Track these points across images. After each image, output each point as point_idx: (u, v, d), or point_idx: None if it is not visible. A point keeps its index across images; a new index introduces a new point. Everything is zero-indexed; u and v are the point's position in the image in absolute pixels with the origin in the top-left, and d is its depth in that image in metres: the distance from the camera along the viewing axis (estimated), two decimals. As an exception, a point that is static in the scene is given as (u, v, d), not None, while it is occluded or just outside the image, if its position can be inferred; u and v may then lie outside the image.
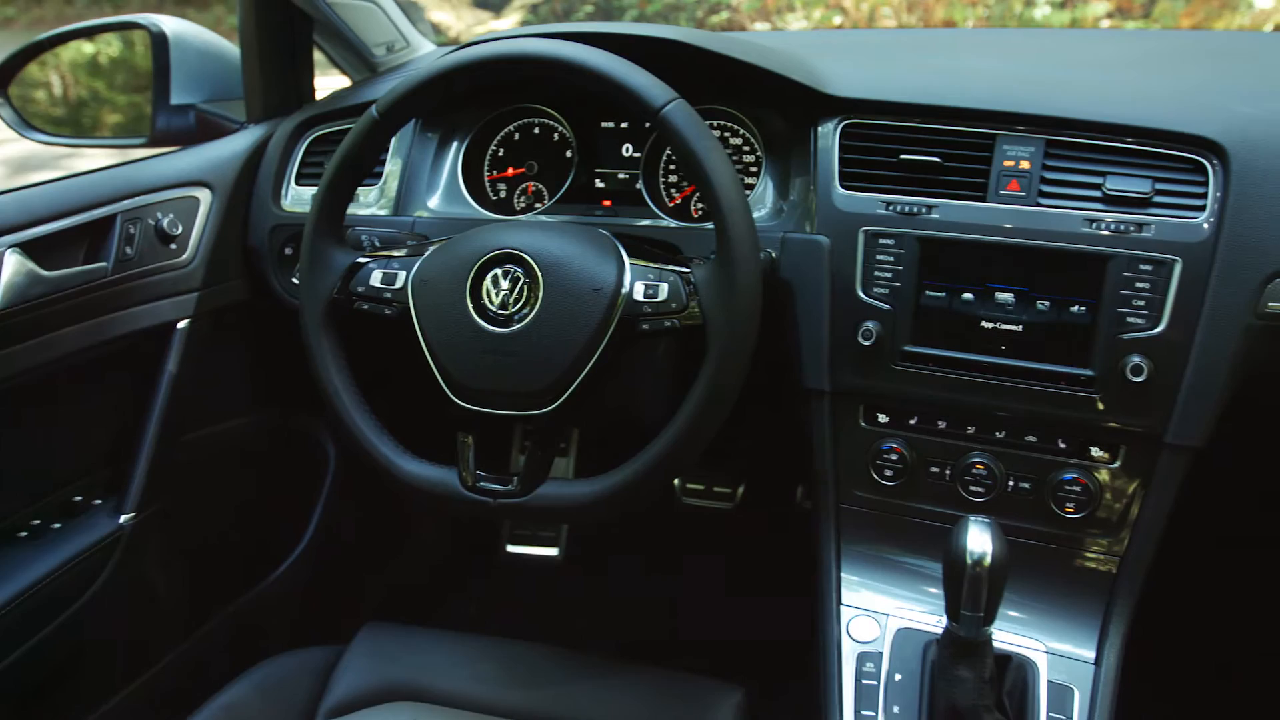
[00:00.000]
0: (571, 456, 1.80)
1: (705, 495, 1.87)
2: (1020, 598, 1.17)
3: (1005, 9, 7.24)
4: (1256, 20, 6.06)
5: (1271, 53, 1.48)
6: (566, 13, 8.48)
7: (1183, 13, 6.21)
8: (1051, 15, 6.85)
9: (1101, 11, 6.46)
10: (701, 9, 8.32)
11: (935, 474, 1.18)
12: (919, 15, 7.52)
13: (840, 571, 1.23)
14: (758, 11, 8.07)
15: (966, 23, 7.37)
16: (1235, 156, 1.06)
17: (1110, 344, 1.07)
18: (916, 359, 1.14)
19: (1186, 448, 1.08)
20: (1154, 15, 6.40)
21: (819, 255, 1.17)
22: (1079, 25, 6.45)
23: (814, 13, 7.81)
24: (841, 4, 7.81)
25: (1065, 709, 1.09)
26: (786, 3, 8.07)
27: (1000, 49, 1.58)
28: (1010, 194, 1.12)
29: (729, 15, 8.14)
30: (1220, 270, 1.04)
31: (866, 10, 7.81)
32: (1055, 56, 1.45)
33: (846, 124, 1.20)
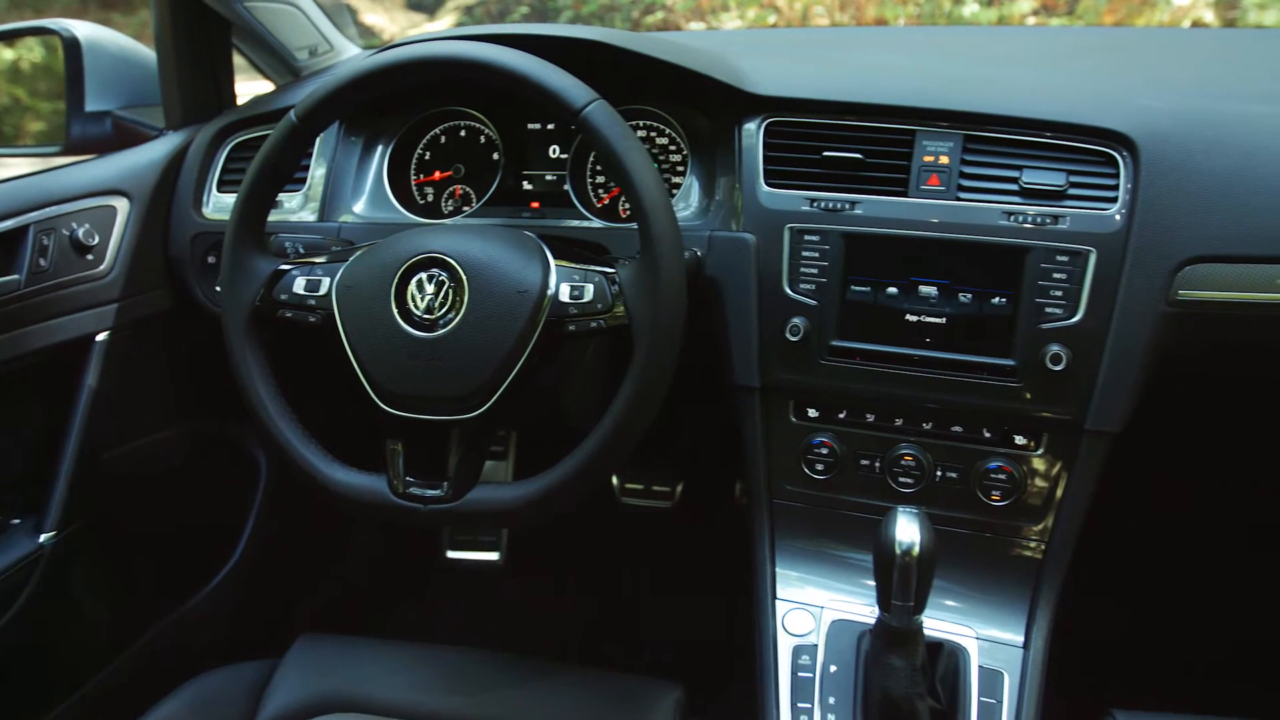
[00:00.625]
0: (510, 459, 1.80)
1: (644, 495, 1.87)
2: (951, 585, 1.19)
3: (935, 7, 7.34)
4: (1175, 16, 6.21)
5: (1178, 48, 1.53)
6: (501, 14, 8.42)
7: (1105, 9, 6.35)
8: (980, 13, 6.95)
9: (1027, 8, 6.58)
10: (637, 9, 8.31)
11: (865, 466, 1.19)
12: (851, 14, 7.59)
13: (775, 566, 1.24)
14: (693, 11, 8.09)
15: (898, 21, 7.46)
16: (1144, 149, 1.09)
17: (1030, 334, 1.09)
18: (844, 353, 1.15)
19: (1106, 433, 1.10)
20: (1078, 12, 6.54)
21: (745, 253, 1.18)
22: (1006, 22, 6.57)
23: (748, 12, 7.85)
24: (775, 3, 7.87)
25: (995, 693, 1.11)
26: (721, 2, 8.10)
27: (923, 46, 1.60)
28: (931, 189, 1.14)
29: (664, 15, 8.15)
30: (1132, 260, 1.07)
31: (800, 9, 7.87)
32: (975, 53, 1.48)
33: (770, 122, 1.21)
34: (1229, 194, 1.07)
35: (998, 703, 1.10)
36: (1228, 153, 1.09)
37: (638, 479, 1.87)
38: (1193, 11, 6.20)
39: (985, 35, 1.98)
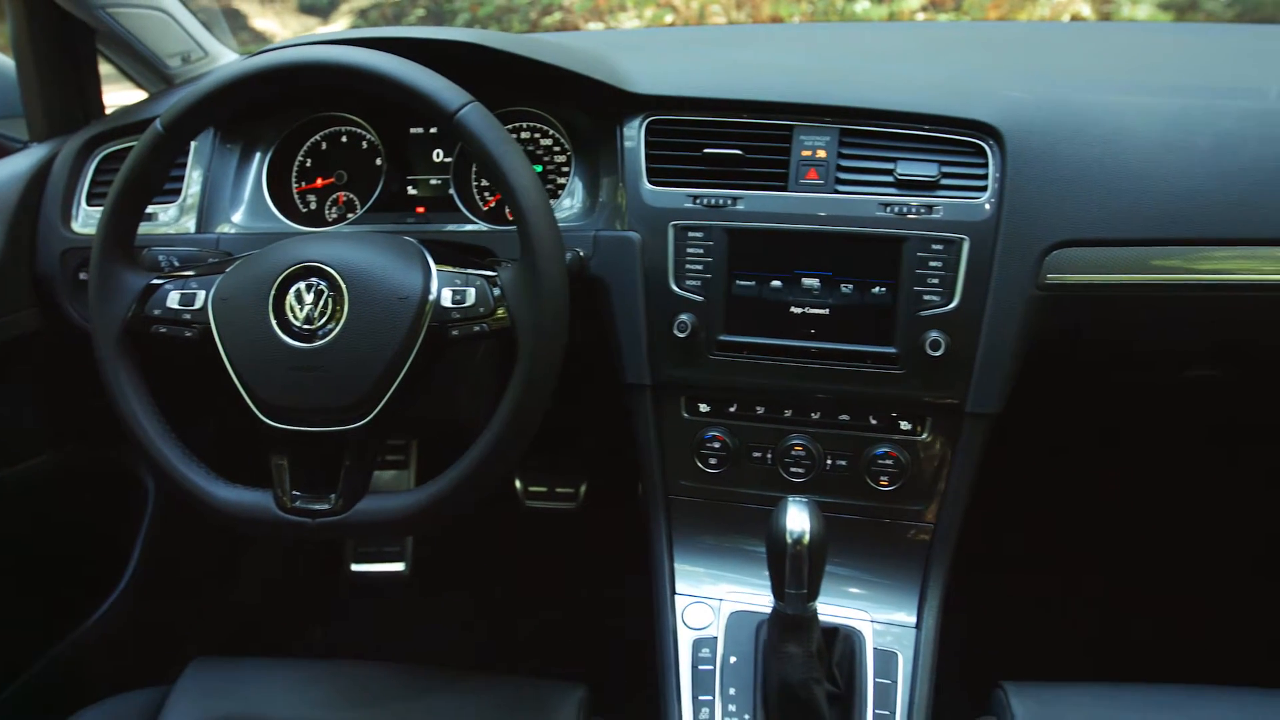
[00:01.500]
0: (412, 468, 1.77)
1: (548, 497, 1.87)
2: (846, 571, 1.21)
3: (829, 4, 7.48)
4: (1055, 11, 6.42)
5: (1049, 41, 1.58)
6: (398, 17, 8.30)
7: (990, 5, 6.53)
8: (870, 9, 7.09)
9: (916, 4, 6.73)
10: (535, 10, 8.28)
11: (757, 458, 1.21)
12: (747, 12, 7.68)
13: (673, 562, 1.25)
14: (590, 11, 8.08)
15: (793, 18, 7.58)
16: (1010, 139, 1.12)
17: (910, 321, 1.12)
18: (731, 348, 1.17)
19: (985, 415, 1.14)
20: (964, 8, 6.71)
21: (631, 251, 1.18)
22: (896, 19, 6.72)
23: (645, 11, 7.89)
24: (672, 3, 7.92)
25: (890, 673, 1.14)
26: (619, 2, 8.12)
27: (809, 43, 1.63)
28: (810, 182, 1.16)
29: (562, 16, 8.13)
30: (1003, 246, 1.10)
31: (697, 8, 7.94)
32: (855, 49, 1.50)
33: (651, 121, 1.22)
34: (1091, 180, 1.11)
35: (892, 683, 1.13)
36: (1090, 141, 1.13)
37: (541, 481, 1.87)
38: (1071, 6, 6.43)
39: (871, 31, 2.02)
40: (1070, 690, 1.08)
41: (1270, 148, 1.12)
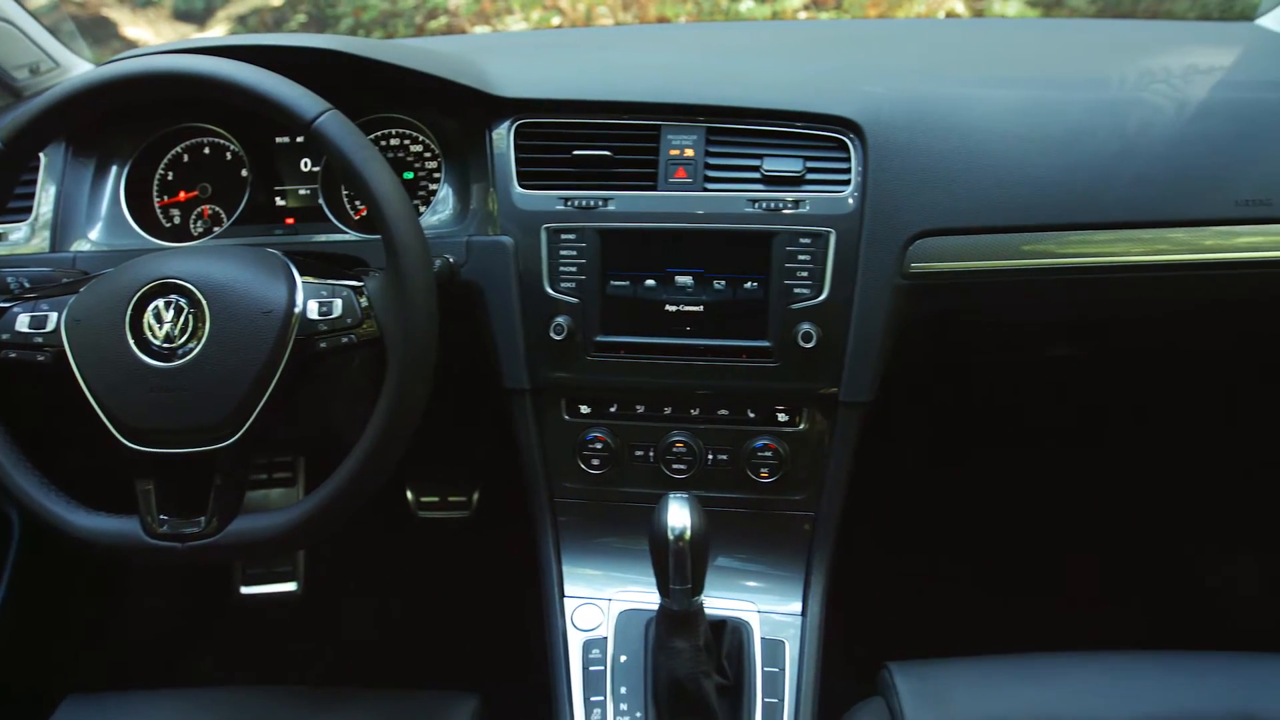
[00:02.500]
0: (301, 484, 1.73)
1: (441, 506, 1.85)
2: (732, 563, 1.23)
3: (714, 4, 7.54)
4: (931, 7, 6.60)
5: (905, 37, 1.63)
6: (278, 23, 8.08)
7: (869, 2, 6.67)
8: (755, 8, 7.19)
9: (799, 3, 6.85)
10: (420, 14, 8.16)
11: (640, 457, 1.22)
12: (634, 13, 7.71)
13: (561, 564, 1.25)
14: (477, 15, 8.01)
15: (680, 19, 7.63)
16: (870, 133, 1.15)
17: (782, 315, 1.14)
18: (609, 348, 1.17)
19: (859, 403, 1.17)
20: (845, 6, 6.84)
21: (504, 256, 1.17)
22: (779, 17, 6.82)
23: (532, 14, 7.85)
24: (559, 5, 7.91)
25: (778, 661, 1.16)
26: (505, 5, 8.07)
27: (676, 43, 1.64)
28: (679, 181, 1.17)
29: (448, 20, 8.04)
30: (868, 238, 1.13)
31: (583, 10, 7.93)
32: (722, 48, 1.52)
33: (520, 124, 1.22)
34: (949, 171, 1.15)
35: (780, 670, 1.15)
36: (946, 133, 1.17)
37: (432, 491, 1.84)
38: (946, 3, 6.62)
39: (741, 30, 2.05)
40: (953, 665, 1.12)
41: (1115, 137, 1.18)
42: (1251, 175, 1.17)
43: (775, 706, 1.12)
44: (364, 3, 7.56)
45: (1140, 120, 1.19)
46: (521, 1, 8.02)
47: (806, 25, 2.06)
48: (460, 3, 7.90)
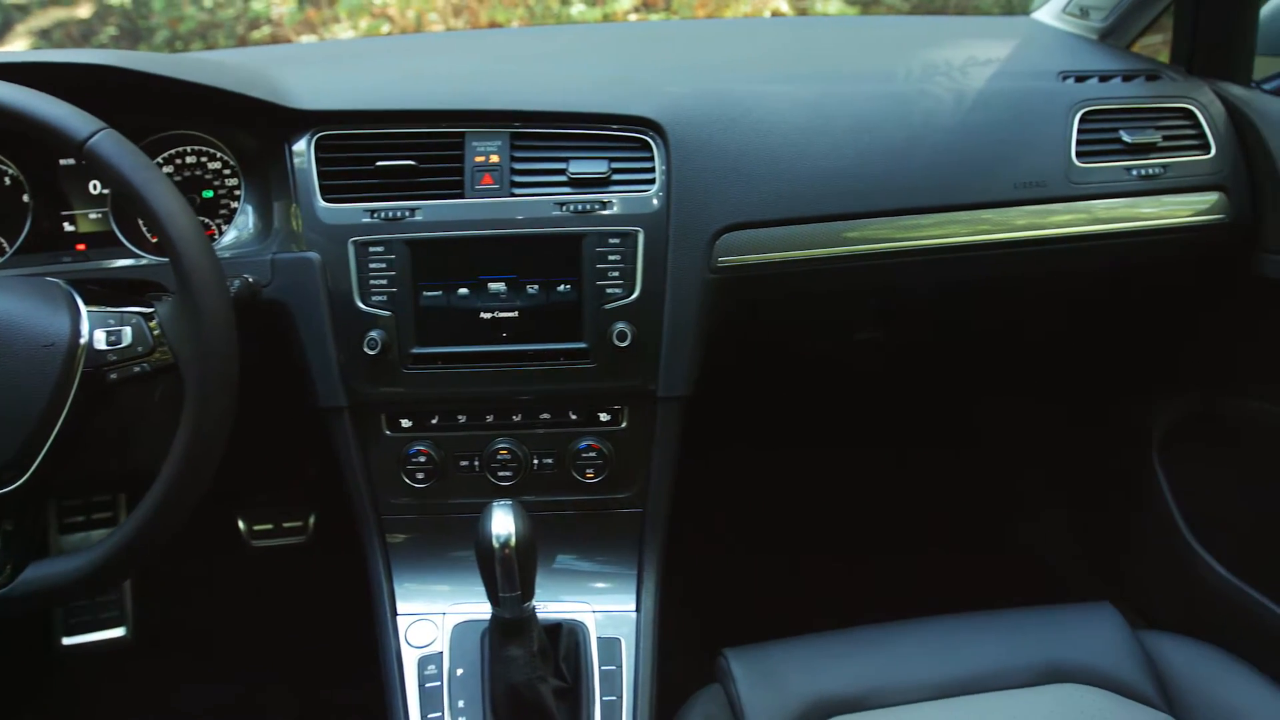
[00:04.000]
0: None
1: (276, 534, 1.79)
2: (565, 566, 1.23)
3: (545, 8, 7.53)
4: (757, 7, 6.76)
5: (707, 37, 1.67)
6: (85, 36, 7.65)
7: (698, 4, 6.79)
8: (586, 11, 7.21)
9: (629, 5, 6.90)
10: (241, 25, 7.85)
11: (465, 467, 1.21)
12: (465, 19, 7.63)
13: (392, 582, 1.23)
14: (302, 24, 7.76)
15: (512, 23, 7.60)
16: (672, 132, 1.17)
17: (596, 315, 1.15)
18: (426, 360, 1.16)
19: (677, 398, 1.19)
20: (674, 7, 6.94)
21: (311, 273, 1.14)
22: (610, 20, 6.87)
23: (360, 22, 7.66)
24: (388, 13, 7.75)
25: (615, 659, 1.16)
26: (332, 14, 7.84)
27: (482, 49, 1.63)
28: (485, 188, 1.16)
29: (272, 30, 7.76)
30: (675, 235, 1.15)
31: (413, 17, 7.80)
32: (528, 52, 1.52)
33: (320, 136, 1.19)
34: (748, 166, 1.18)
35: (617, 668, 1.16)
36: (744, 130, 1.20)
37: (266, 519, 1.78)
38: (771, 2, 6.81)
39: (549, 34, 2.05)
40: (786, 646, 1.15)
41: (901, 127, 1.23)
42: (1028, 159, 1.25)
43: (614, 704, 1.13)
44: (180, 14, 7.21)
45: (924, 111, 1.25)
46: (349, 10, 7.82)
47: (615, 28, 2.09)
48: (284, 12, 7.64)
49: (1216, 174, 1.31)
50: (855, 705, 1.07)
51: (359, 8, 7.55)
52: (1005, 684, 1.09)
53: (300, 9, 7.66)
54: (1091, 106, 1.30)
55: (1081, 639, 1.14)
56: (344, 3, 7.68)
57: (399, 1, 7.63)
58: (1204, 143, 1.31)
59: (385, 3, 7.52)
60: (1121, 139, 1.29)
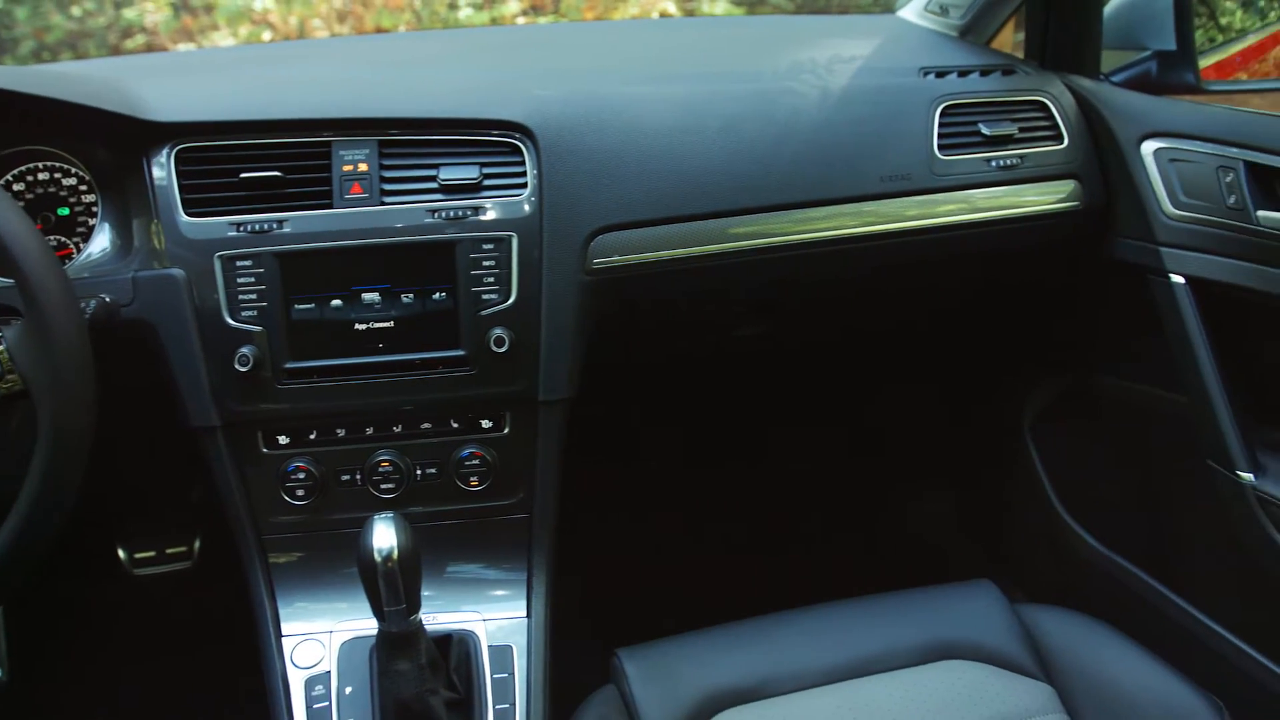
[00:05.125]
0: None
1: (159, 560, 1.73)
2: (454, 576, 1.22)
3: (432, 13, 7.45)
4: (645, 9, 6.79)
5: (579, 40, 1.68)
6: (-55, 49, 7.27)
7: (585, 6, 6.80)
8: (473, 15, 7.16)
9: (516, 9, 6.87)
10: (113, 34, 7.55)
11: (346, 481, 1.19)
12: (350, 25, 7.48)
13: (276, 602, 1.20)
14: (178, 32, 7.51)
15: (399, 28, 7.48)
16: (542, 136, 1.17)
17: (473, 322, 1.14)
18: (300, 374, 1.13)
19: (558, 401, 1.19)
20: (562, 10, 6.93)
21: (176, 290, 1.11)
22: (499, 23, 6.85)
23: (240, 29, 7.44)
24: (269, 19, 7.55)
25: (507, 666, 1.16)
26: (210, 22, 7.60)
27: (351, 56, 1.60)
28: (355, 197, 1.14)
29: (146, 39, 7.49)
30: (549, 239, 1.15)
31: (296, 24, 7.61)
32: (396, 58, 1.50)
33: (180, 149, 1.15)
34: (621, 168, 1.19)
35: (510, 675, 1.15)
36: (614, 132, 1.21)
37: (147, 546, 1.72)
38: (659, 4, 6.85)
39: (418, 40, 2.01)
40: (679, 642, 1.16)
41: (768, 125, 1.26)
42: (892, 153, 1.29)
43: (507, 711, 1.13)
44: (46, 23, 6.90)
45: (790, 108, 1.28)
46: (228, 17, 7.59)
47: (493, 32, 2.08)
48: (158, 20, 7.38)
49: (1070, 163, 1.37)
50: (748, 696, 1.09)
51: (238, 15, 7.34)
52: (893, 664, 1.12)
53: (176, 17, 7.41)
54: (951, 101, 1.35)
55: (963, 616, 1.17)
56: (222, 9, 7.46)
57: (280, 8, 7.45)
58: (1057, 133, 1.37)
59: (266, 9, 7.34)
60: (981, 131, 1.34)
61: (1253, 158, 1.19)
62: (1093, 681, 1.11)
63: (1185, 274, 1.27)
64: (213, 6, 7.25)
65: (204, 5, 7.21)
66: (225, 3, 7.22)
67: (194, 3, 7.20)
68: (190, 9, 7.18)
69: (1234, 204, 1.20)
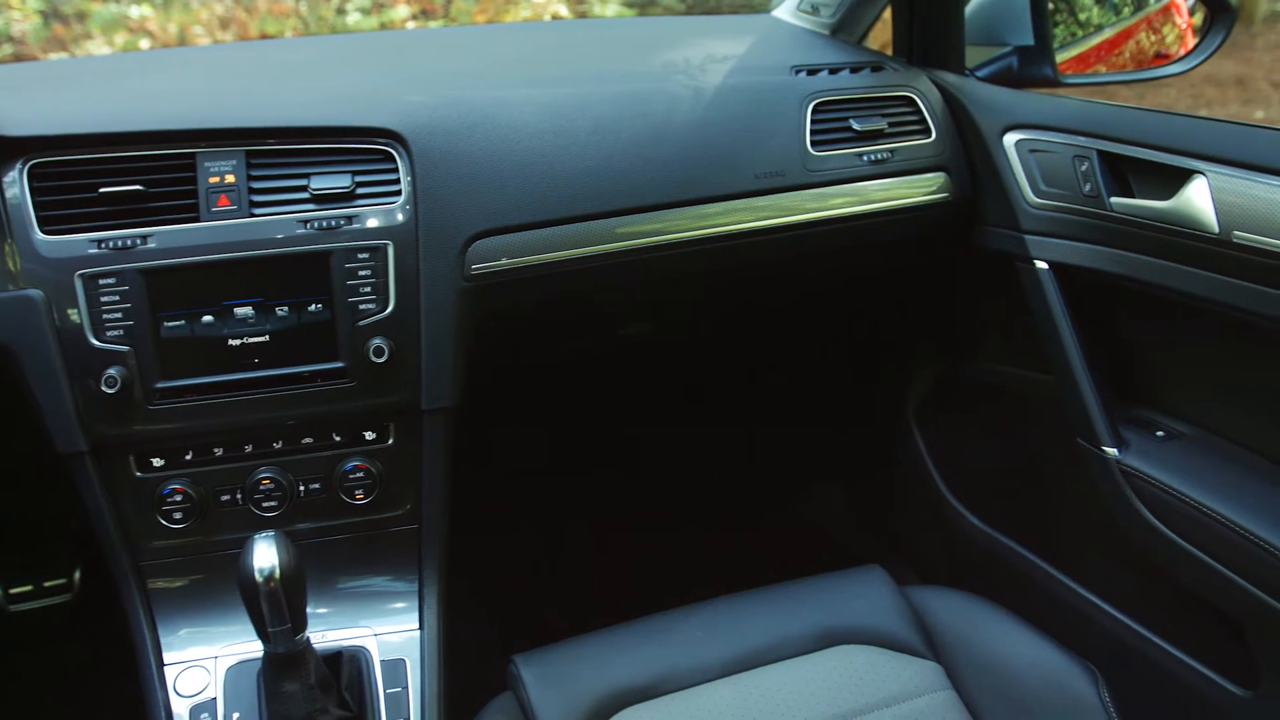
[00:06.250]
0: None
1: (37, 595, 1.65)
2: (343, 592, 1.20)
3: (319, 18, 7.31)
4: (537, 11, 6.78)
5: (453, 44, 1.66)
6: None
7: (475, 10, 6.75)
8: (361, 21, 7.06)
9: (405, 14, 6.79)
10: (-17, 44, 7.18)
11: (226, 502, 1.16)
12: (234, 32, 7.29)
13: (157, 630, 1.16)
14: (50, 41, 7.21)
15: (285, 34, 7.32)
16: (414, 142, 1.16)
17: (351, 333, 1.12)
18: (172, 394, 1.10)
19: (442, 409, 1.18)
20: (452, 14, 6.87)
21: (34, 311, 1.06)
22: (387, 28, 6.76)
23: (116, 38, 7.18)
24: (146, 26, 7.30)
25: (400, 680, 1.14)
26: (84, 30, 7.30)
27: (216, 65, 1.55)
28: (223, 209, 1.11)
29: (15, 49, 7.18)
30: (426, 246, 1.14)
31: (176, 31, 7.39)
32: (264, 66, 1.47)
33: (34, 164, 1.11)
34: (495, 173, 1.19)
35: (403, 689, 1.14)
36: (488, 136, 1.20)
37: (23, 580, 1.65)
38: (550, 7, 6.85)
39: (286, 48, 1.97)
40: (575, 645, 1.16)
41: (642, 126, 1.27)
42: (766, 150, 1.31)
43: None
44: (-101, 34, 6.48)
45: (664, 109, 1.29)
46: (103, 25, 7.29)
47: (368, 38, 2.05)
48: (27, 29, 7.06)
49: (938, 156, 1.41)
50: (645, 694, 1.10)
51: (113, 22, 7.08)
52: (787, 653, 1.14)
53: (46, 25, 7.10)
54: (823, 98, 1.38)
55: (854, 602, 1.20)
56: (96, 17, 7.18)
57: (159, 15, 7.21)
58: (925, 127, 1.41)
59: (144, 16, 7.09)
60: (852, 127, 1.37)
61: (1105, 147, 1.24)
62: (977, 656, 1.15)
63: (1048, 260, 1.32)
64: (86, 14, 6.97)
65: (76, 13, 6.93)
66: (99, 10, 6.96)
67: (65, 10, 6.92)
68: (61, 17, 6.89)
69: (1089, 191, 1.25)
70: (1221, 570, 1.16)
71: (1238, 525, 1.13)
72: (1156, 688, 1.32)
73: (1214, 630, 1.24)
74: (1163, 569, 1.26)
